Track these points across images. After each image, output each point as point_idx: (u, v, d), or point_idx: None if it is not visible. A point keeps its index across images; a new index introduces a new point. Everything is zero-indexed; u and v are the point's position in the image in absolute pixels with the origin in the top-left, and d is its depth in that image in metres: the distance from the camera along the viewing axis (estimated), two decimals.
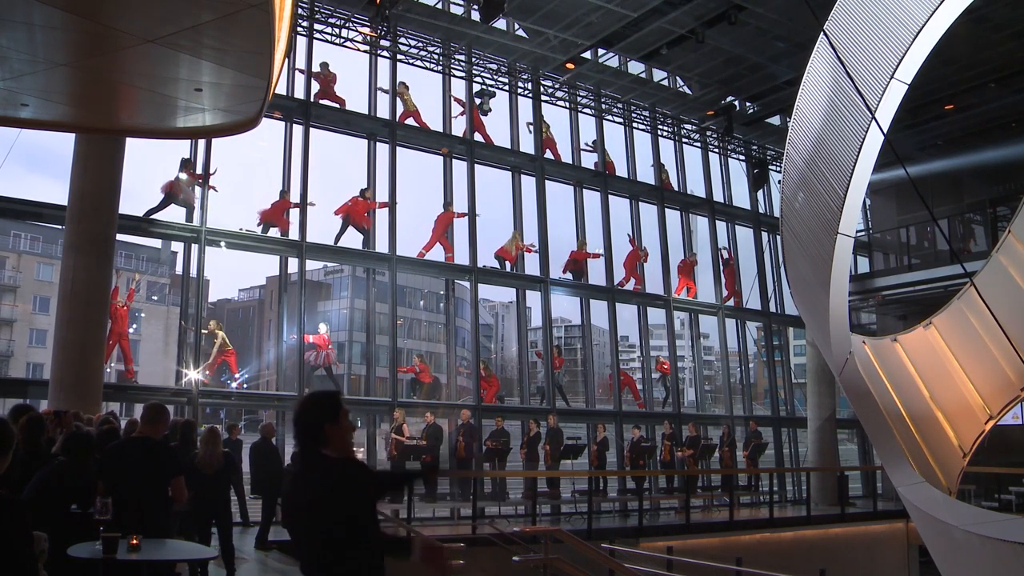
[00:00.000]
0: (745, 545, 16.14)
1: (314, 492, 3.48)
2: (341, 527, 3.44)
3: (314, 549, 3.54)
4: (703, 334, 24.63)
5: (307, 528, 3.56)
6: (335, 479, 3.45)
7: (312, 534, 3.53)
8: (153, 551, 5.04)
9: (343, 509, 3.42)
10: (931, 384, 17.19)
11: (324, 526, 3.46)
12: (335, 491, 3.43)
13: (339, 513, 3.42)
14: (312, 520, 3.51)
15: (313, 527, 3.52)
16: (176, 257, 16.88)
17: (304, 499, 3.54)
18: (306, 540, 3.58)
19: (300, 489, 3.58)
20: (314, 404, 3.77)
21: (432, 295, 51.07)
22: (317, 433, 3.60)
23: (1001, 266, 16.89)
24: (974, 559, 12.96)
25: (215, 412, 19.54)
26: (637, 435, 19.17)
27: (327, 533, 3.46)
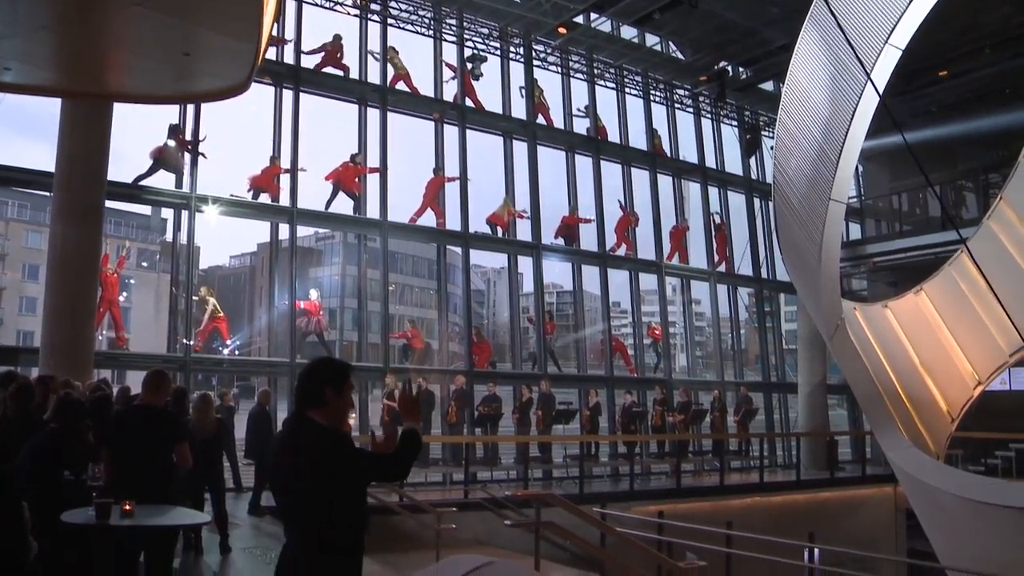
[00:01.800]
0: (736, 509, 16.26)
1: (300, 458, 3.47)
2: (323, 495, 3.43)
3: (297, 514, 3.54)
4: (695, 300, 24.66)
5: (291, 493, 3.56)
6: (321, 448, 3.43)
7: (295, 499, 3.53)
8: (146, 517, 5.03)
9: (326, 478, 3.41)
10: (921, 350, 17.27)
11: (307, 492, 3.46)
12: (320, 459, 3.42)
13: (322, 481, 3.41)
14: (296, 485, 3.50)
15: (296, 493, 3.51)
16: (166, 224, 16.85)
17: (289, 464, 3.53)
18: (290, 505, 3.58)
19: (286, 454, 3.57)
20: (324, 366, 3.76)
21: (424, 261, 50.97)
22: (317, 395, 3.59)
23: (992, 233, 16.91)
24: (960, 522, 13.09)
25: (207, 379, 19.53)
26: (629, 400, 19.23)
27: (309, 499, 3.46)
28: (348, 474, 3.46)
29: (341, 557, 3.46)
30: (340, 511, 3.46)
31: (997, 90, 21.84)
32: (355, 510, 3.53)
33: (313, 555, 3.43)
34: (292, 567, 3.49)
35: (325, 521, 3.45)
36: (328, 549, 3.43)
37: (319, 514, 3.45)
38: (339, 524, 3.46)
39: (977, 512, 12.29)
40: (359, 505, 3.57)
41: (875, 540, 18.31)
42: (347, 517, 3.49)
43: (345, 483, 3.45)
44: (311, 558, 3.43)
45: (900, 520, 19.00)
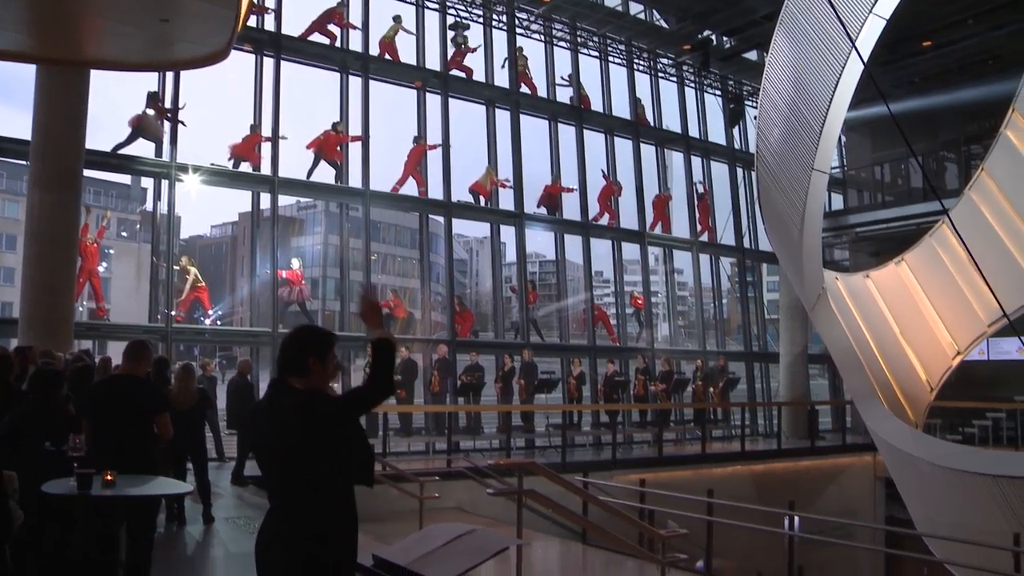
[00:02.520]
0: (717, 477, 16.36)
1: (279, 425, 3.44)
2: (307, 461, 3.40)
3: (279, 482, 3.51)
4: (677, 269, 24.72)
5: (273, 461, 3.53)
6: (300, 412, 3.40)
7: (278, 467, 3.51)
8: (128, 486, 5.01)
9: (308, 442, 3.38)
10: (901, 320, 17.39)
11: (289, 459, 3.43)
12: (300, 424, 3.38)
13: (304, 446, 3.38)
14: (277, 453, 3.48)
15: (278, 460, 3.49)
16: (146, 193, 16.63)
17: (270, 432, 3.50)
18: (272, 473, 3.55)
19: (266, 421, 3.54)
20: (308, 333, 3.72)
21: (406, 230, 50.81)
22: (300, 362, 3.54)
23: (973, 204, 16.99)
24: (938, 490, 13.25)
25: (188, 349, 19.43)
26: (611, 370, 19.29)
27: (293, 466, 3.43)
28: (331, 423, 3.42)
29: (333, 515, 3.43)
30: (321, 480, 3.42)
31: (980, 61, 21.85)
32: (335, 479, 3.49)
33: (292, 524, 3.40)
34: (275, 535, 3.46)
35: (304, 491, 3.42)
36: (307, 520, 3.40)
37: (298, 483, 3.42)
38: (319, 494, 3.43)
39: (953, 480, 12.43)
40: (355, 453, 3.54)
41: (854, 508, 18.53)
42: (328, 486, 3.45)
43: (329, 441, 3.41)
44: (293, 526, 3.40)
45: (879, 488, 19.21)
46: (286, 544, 3.40)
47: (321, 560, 3.38)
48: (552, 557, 11.09)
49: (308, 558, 3.36)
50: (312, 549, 3.36)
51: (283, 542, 3.41)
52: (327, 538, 3.39)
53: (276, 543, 3.43)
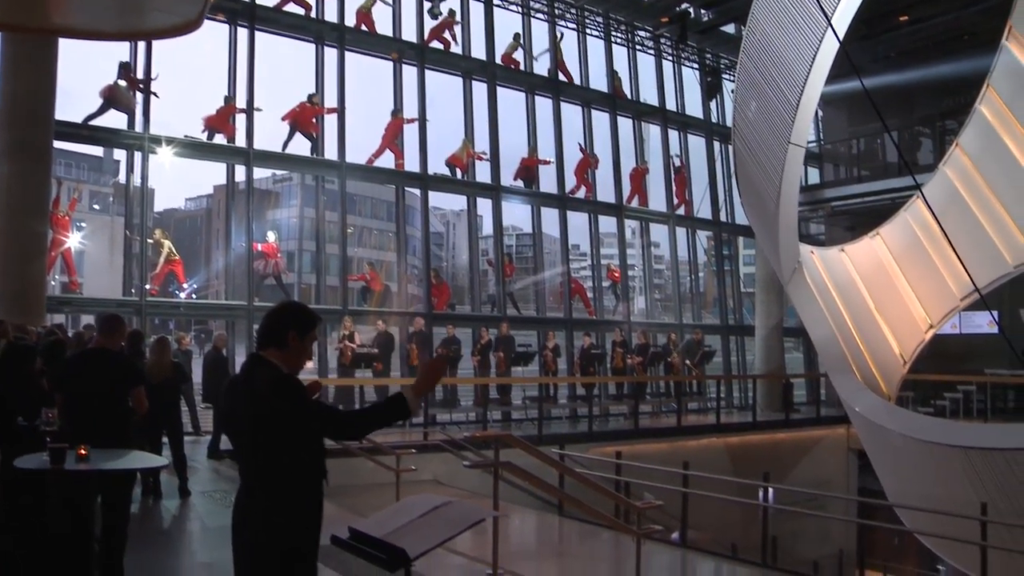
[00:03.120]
0: (692, 450, 16.47)
1: (251, 401, 3.42)
2: (273, 439, 3.39)
3: (249, 456, 3.50)
4: (654, 243, 24.76)
5: (243, 435, 3.52)
6: (274, 393, 3.38)
7: (247, 441, 3.49)
8: (102, 461, 4.97)
9: (275, 422, 3.36)
10: (875, 294, 17.53)
11: (257, 435, 3.42)
12: (272, 405, 3.36)
13: (272, 426, 3.36)
14: (247, 427, 3.46)
15: (248, 435, 3.48)
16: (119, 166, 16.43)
17: (241, 405, 3.48)
18: (242, 447, 3.54)
19: (238, 395, 3.52)
20: (292, 309, 3.69)
21: (382, 203, 50.57)
22: (280, 335, 3.53)
23: (947, 179, 17.12)
24: (909, 461, 13.42)
25: (164, 323, 19.31)
26: (587, 342, 19.33)
27: (260, 442, 3.42)
28: (298, 424, 3.41)
29: (296, 501, 3.43)
30: (292, 457, 3.42)
31: (955, 37, 21.91)
32: (306, 458, 3.48)
33: (266, 498, 3.40)
34: (247, 509, 3.46)
35: (276, 465, 3.41)
36: (281, 493, 3.40)
37: (270, 457, 3.42)
38: (291, 469, 3.43)
39: (925, 452, 12.59)
40: (312, 453, 3.52)
41: (828, 479, 18.74)
42: (298, 461, 3.45)
43: (295, 432, 3.41)
44: (264, 501, 3.40)
45: (852, 460, 19.42)
46: (252, 521, 3.41)
47: (280, 538, 3.38)
48: (528, 529, 11.16)
49: (267, 535, 3.37)
50: (271, 526, 3.37)
51: (250, 519, 3.42)
52: (290, 517, 3.39)
53: (245, 519, 3.44)
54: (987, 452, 11.47)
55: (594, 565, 9.25)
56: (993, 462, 11.31)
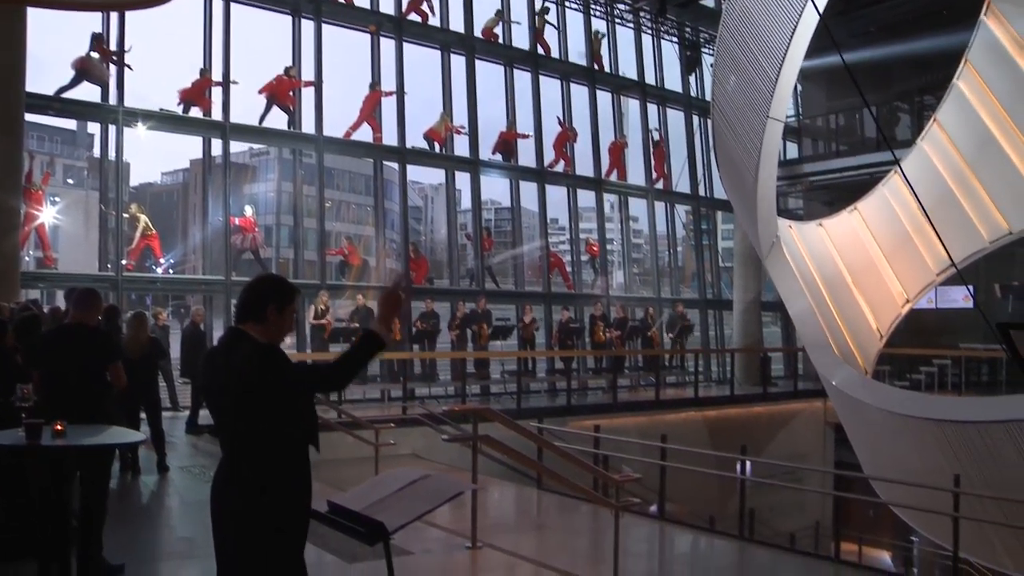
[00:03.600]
0: (671, 423, 16.55)
1: (233, 373, 3.39)
2: (255, 412, 3.37)
3: (229, 430, 3.48)
4: (632, 217, 24.75)
5: (223, 408, 3.50)
6: (255, 362, 3.35)
7: (229, 415, 3.47)
8: (79, 437, 4.93)
9: (259, 394, 3.34)
10: (853, 269, 17.63)
11: (240, 408, 3.40)
12: (253, 374, 3.34)
13: (254, 397, 3.34)
14: (228, 401, 3.44)
15: (229, 408, 3.45)
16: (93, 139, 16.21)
17: (223, 379, 3.46)
18: (222, 421, 3.52)
19: (219, 369, 3.49)
20: (271, 282, 3.66)
21: (360, 177, 50.24)
22: (259, 309, 3.50)
23: (925, 154, 17.20)
24: (885, 434, 13.54)
25: (141, 298, 19.19)
26: (566, 316, 19.35)
27: (242, 416, 3.41)
28: (282, 387, 3.38)
29: (278, 475, 3.41)
30: (274, 429, 3.40)
31: (934, 12, 21.89)
32: (290, 429, 3.46)
33: (248, 472, 3.38)
34: (229, 483, 3.44)
35: (258, 438, 3.39)
36: (263, 467, 3.38)
37: (252, 430, 3.40)
38: (274, 441, 3.40)
39: (900, 425, 12.70)
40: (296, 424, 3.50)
41: (805, 452, 18.91)
42: (283, 434, 3.43)
43: (279, 402, 3.39)
44: (246, 475, 3.38)
45: (829, 433, 19.58)
46: (232, 494, 3.39)
47: (264, 513, 3.36)
48: (507, 502, 11.20)
49: (251, 510, 3.36)
50: (256, 501, 3.35)
51: (230, 492, 3.40)
52: (272, 491, 3.37)
53: (224, 493, 3.42)
54: (961, 425, 11.59)
55: (573, 538, 9.31)
56: (966, 435, 11.42)
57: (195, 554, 6.51)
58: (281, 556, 3.40)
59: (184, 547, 6.99)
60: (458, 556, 7.01)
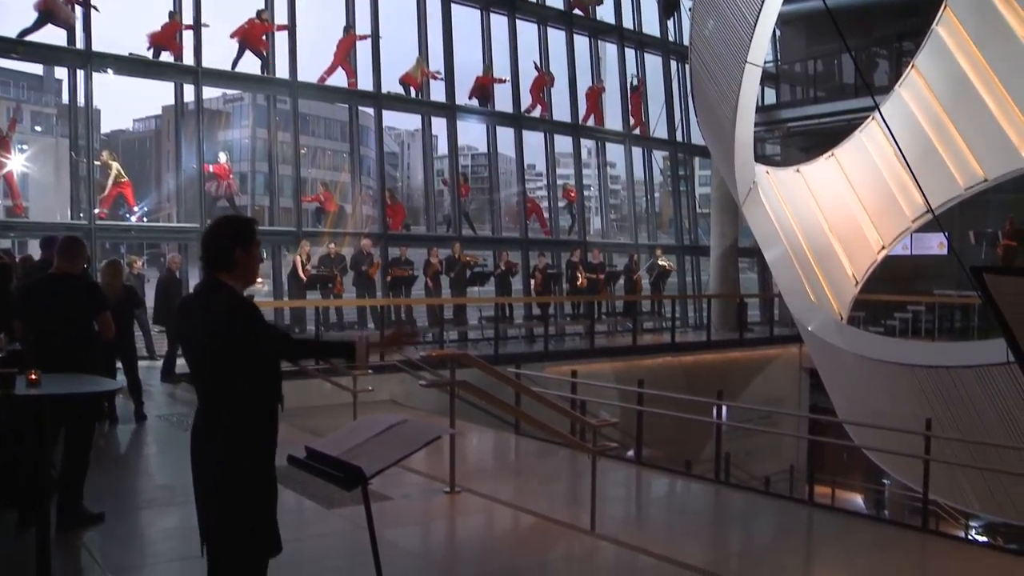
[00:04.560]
0: (648, 368, 16.65)
1: (210, 321, 3.36)
2: (230, 361, 3.35)
3: (206, 380, 3.46)
4: (610, 163, 24.66)
5: (200, 358, 3.47)
6: (230, 315, 3.33)
7: (205, 364, 3.45)
8: (54, 385, 4.87)
9: (233, 344, 3.32)
10: (830, 215, 17.68)
11: (214, 358, 3.38)
12: (228, 327, 3.31)
13: (229, 348, 3.32)
14: (204, 350, 3.42)
15: (205, 358, 3.43)
16: (61, 85, 15.79)
17: (199, 328, 3.43)
18: (198, 370, 3.50)
19: (195, 318, 3.46)
20: (228, 226, 3.59)
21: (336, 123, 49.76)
22: (226, 257, 3.46)
23: (902, 100, 17.17)
24: (859, 379, 13.70)
25: (115, 247, 18.98)
26: (543, 262, 19.35)
27: (217, 365, 3.38)
28: (253, 347, 3.37)
29: (252, 422, 3.41)
30: (248, 379, 3.39)
31: None
32: (263, 380, 3.46)
33: (225, 420, 3.38)
34: (204, 431, 3.44)
35: (233, 387, 3.38)
36: (238, 415, 3.38)
37: (227, 379, 3.39)
38: (248, 391, 3.40)
39: (874, 370, 12.85)
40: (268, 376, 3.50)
41: (780, 397, 19.10)
42: (256, 384, 3.43)
43: (251, 354, 3.37)
44: (223, 423, 3.38)
45: (804, 378, 19.75)
46: (212, 443, 3.39)
47: (242, 459, 3.38)
48: (485, 447, 11.27)
49: (227, 459, 3.37)
50: (231, 450, 3.37)
51: (209, 441, 3.41)
52: (248, 438, 3.38)
53: (204, 441, 3.43)
54: (933, 370, 11.74)
55: (550, 482, 9.38)
56: (939, 380, 11.58)
57: (175, 501, 6.52)
58: (257, 504, 3.42)
59: (164, 495, 6.99)
60: (436, 501, 7.06)
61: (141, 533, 6.11)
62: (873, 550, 7.18)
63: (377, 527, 3.64)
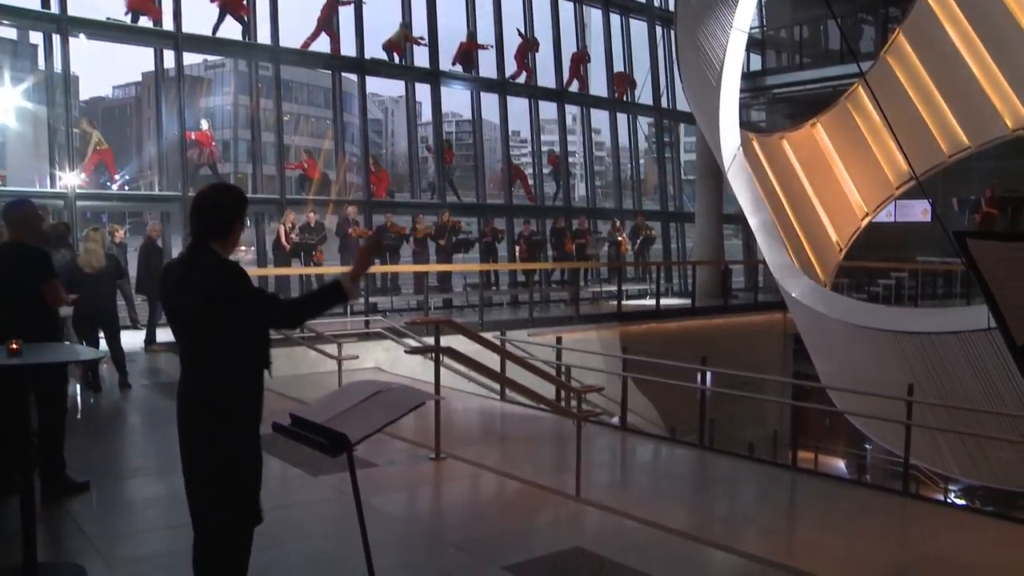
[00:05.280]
0: (632, 335, 16.72)
1: (200, 291, 3.33)
2: (220, 327, 3.33)
3: (191, 346, 3.44)
4: (595, 129, 24.56)
5: (186, 325, 3.45)
6: (222, 280, 3.30)
7: (189, 330, 3.43)
8: (36, 355, 4.82)
9: (225, 307, 3.29)
10: (814, 182, 17.70)
11: (204, 325, 3.36)
12: (220, 292, 3.28)
13: (220, 309, 3.29)
14: (192, 317, 3.39)
15: (192, 325, 3.41)
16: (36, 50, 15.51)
17: (186, 293, 3.39)
18: (185, 338, 3.47)
19: (182, 283, 3.42)
20: (231, 195, 3.54)
21: (319, 89, 49.40)
22: (225, 226, 3.43)
23: (888, 67, 17.14)
24: (842, 345, 13.78)
25: (96, 216, 18.83)
26: (528, 229, 19.31)
27: (206, 332, 3.36)
28: (243, 311, 3.34)
29: (238, 388, 3.39)
30: (236, 345, 3.37)
31: None
32: (250, 346, 3.45)
33: (210, 387, 3.36)
34: (189, 399, 3.42)
35: (220, 353, 3.36)
36: (224, 382, 3.36)
37: (214, 346, 3.37)
38: (235, 357, 3.38)
39: (857, 336, 12.92)
40: (255, 342, 3.48)
41: (764, 364, 19.17)
42: (243, 350, 3.41)
43: (240, 319, 3.35)
44: (208, 390, 3.36)
45: (788, 344, 19.84)
46: (198, 410, 3.38)
47: (227, 427, 3.36)
48: (470, 414, 11.30)
49: (215, 425, 3.35)
50: (220, 416, 3.35)
51: (195, 408, 3.39)
52: (234, 405, 3.37)
53: (189, 409, 3.41)
54: (916, 336, 11.81)
55: (536, 448, 9.42)
56: (921, 346, 11.66)
57: (160, 471, 6.51)
58: (242, 472, 3.42)
59: (149, 464, 6.99)
60: (422, 467, 7.07)
61: (126, 502, 6.10)
62: (855, 514, 7.25)
63: (363, 494, 3.64)
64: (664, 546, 5.19)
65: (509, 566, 4.70)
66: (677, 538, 5.36)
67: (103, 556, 4.80)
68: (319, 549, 4.91)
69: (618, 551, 4.97)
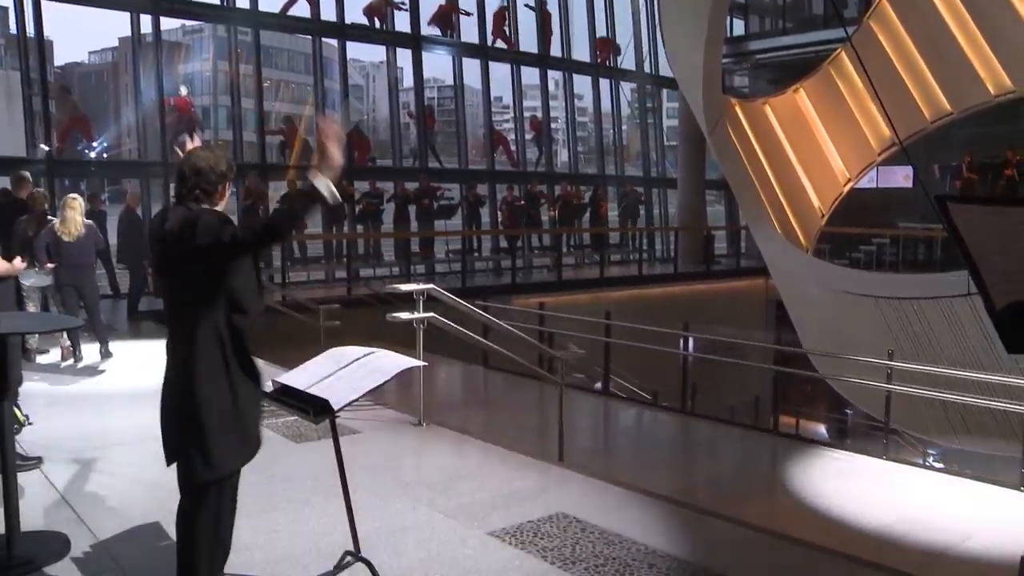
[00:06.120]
0: (615, 300, 16.74)
1: (173, 239, 3.29)
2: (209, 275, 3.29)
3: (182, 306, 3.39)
4: (577, 95, 24.46)
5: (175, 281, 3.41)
6: (192, 223, 3.24)
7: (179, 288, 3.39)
8: (9, 324, 4.77)
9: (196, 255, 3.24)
10: (797, 147, 17.68)
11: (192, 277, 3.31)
12: (191, 233, 3.22)
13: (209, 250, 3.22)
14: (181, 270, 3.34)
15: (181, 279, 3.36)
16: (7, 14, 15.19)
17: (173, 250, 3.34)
18: (174, 297, 3.43)
19: (168, 241, 3.35)
20: (227, 162, 3.53)
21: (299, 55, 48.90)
22: (215, 188, 3.43)
23: (871, 32, 17.08)
24: (823, 310, 13.85)
25: (75, 184, 18.65)
26: (511, 195, 19.26)
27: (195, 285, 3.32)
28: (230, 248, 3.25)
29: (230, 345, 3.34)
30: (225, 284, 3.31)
31: None
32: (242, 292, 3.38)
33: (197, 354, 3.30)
34: (178, 367, 3.36)
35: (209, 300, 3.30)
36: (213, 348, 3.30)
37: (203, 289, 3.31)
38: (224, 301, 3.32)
39: (838, 301, 12.98)
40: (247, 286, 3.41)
41: (747, 329, 19.23)
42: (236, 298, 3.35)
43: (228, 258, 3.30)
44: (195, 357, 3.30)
45: (770, 310, 19.91)
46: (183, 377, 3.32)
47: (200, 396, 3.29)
48: (454, 381, 11.32)
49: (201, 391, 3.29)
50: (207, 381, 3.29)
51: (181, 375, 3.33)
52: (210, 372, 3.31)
53: (176, 376, 3.36)
54: (895, 301, 11.88)
55: (519, 414, 9.44)
56: (902, 311, 11.73)
57: (143, 438, 6.48)
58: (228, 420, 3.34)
59: (131, 433, 6.95)
60: (406, 434, 7.08)
61: (109, 471, 6.06)
62: (835, 477, 7.31)
63: (346, 460, 3.64)
64: (647, 511, 5.22)
65: (493, 532, 4.72)
66: (660, 502, 5.39)
67: (86, 524, 4.79)
68: (302, 517, 4.92)
69: (601, 516, 5.00)
